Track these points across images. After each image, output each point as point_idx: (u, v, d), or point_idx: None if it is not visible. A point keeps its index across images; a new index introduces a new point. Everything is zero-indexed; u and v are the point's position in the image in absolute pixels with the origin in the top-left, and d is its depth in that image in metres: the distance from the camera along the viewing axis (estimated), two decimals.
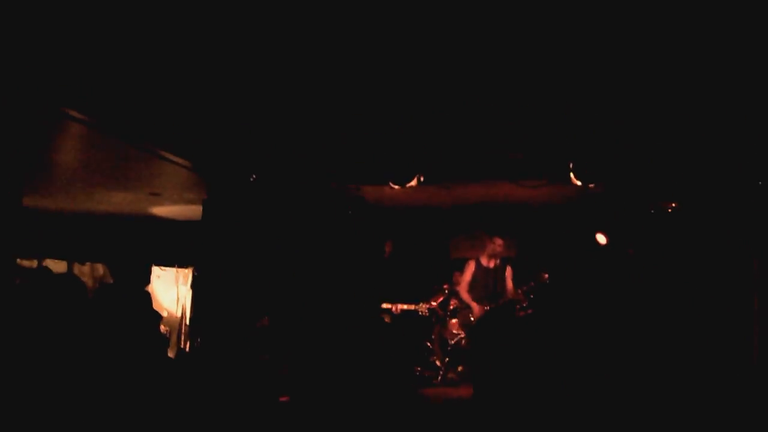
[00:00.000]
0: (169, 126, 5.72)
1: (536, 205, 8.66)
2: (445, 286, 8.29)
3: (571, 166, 6.11)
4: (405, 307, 7.28)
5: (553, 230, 8.98)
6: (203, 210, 7.67)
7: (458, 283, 7.72)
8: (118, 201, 8.65)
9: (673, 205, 7.84)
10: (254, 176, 6.50)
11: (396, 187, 6.08)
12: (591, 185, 6.15)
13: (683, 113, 5.41)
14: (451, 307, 8.29)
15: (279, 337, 7.11)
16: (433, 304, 8.29)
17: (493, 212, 8.70)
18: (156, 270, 9.66)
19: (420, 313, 7.30)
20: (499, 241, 7.49)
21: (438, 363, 8.51)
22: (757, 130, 5.64)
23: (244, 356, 6.89)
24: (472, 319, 7.48)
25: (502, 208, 8.70)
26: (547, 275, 7.31)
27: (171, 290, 9.35)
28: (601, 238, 8.45)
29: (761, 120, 5.39)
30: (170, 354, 8.82)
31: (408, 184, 6.04)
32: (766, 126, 5.49)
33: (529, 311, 7.94)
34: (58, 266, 9.41)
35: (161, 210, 9.05)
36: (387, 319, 7.40)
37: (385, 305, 7.26)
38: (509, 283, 7.38)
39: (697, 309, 7.41)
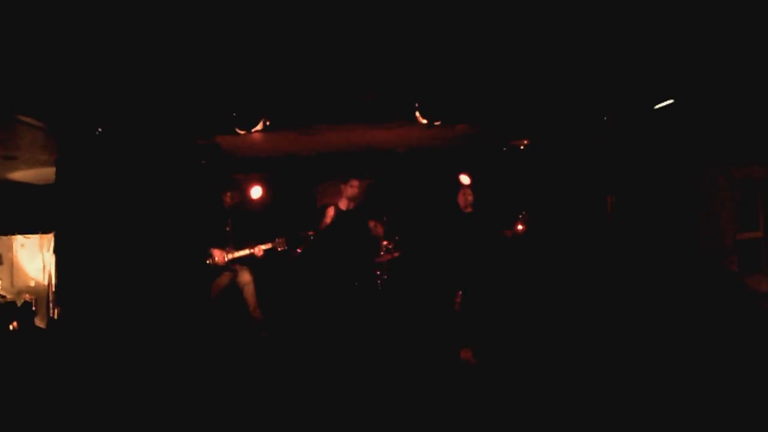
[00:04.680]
0: (16, 84, 5.50)
1: (403, 150, 8.83)
2: (310, 233, 8.33)
3: (417, 105, 6.30)
4: (267, 246, 7.27)
5: (417, 173, 9.16)
6: (56, 170, 7.43)
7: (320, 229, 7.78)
8: None
9: (525, 142, 8.12)
10: (100, 129, 6.31)
11: (242, 132, 6.07)
12: (436, 123, 6.35)
13: (525, 51, 5.54)
14: None
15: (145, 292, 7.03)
16: (299, 251, 8.32)
17: (360, 159, 8.79)
18: (20, 239, 9.32)
19: (279, 249, 7.29)
20: (354, 182, 7.54)
21: None
22: (601, 68, 5.90)
23: (114, 319, 6.80)
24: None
25: (369, 154, 8.81)
26: (401, 204, 7.36)
27: (36, 258, 9.04)
28: (465, 179, 8.69)
29: (606, 57, 5.63)
30: (39, 323, 8.59)
31: (254, 129, 6.04)
32: (610, 64, 5.76)
33: (395, 253, 8.12)
34: None
35: (18, 175, 8.68)
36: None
37: (245, 251, 7.25)
38: (371, 224, 7.48)
39: (556, 248, 7.80)
